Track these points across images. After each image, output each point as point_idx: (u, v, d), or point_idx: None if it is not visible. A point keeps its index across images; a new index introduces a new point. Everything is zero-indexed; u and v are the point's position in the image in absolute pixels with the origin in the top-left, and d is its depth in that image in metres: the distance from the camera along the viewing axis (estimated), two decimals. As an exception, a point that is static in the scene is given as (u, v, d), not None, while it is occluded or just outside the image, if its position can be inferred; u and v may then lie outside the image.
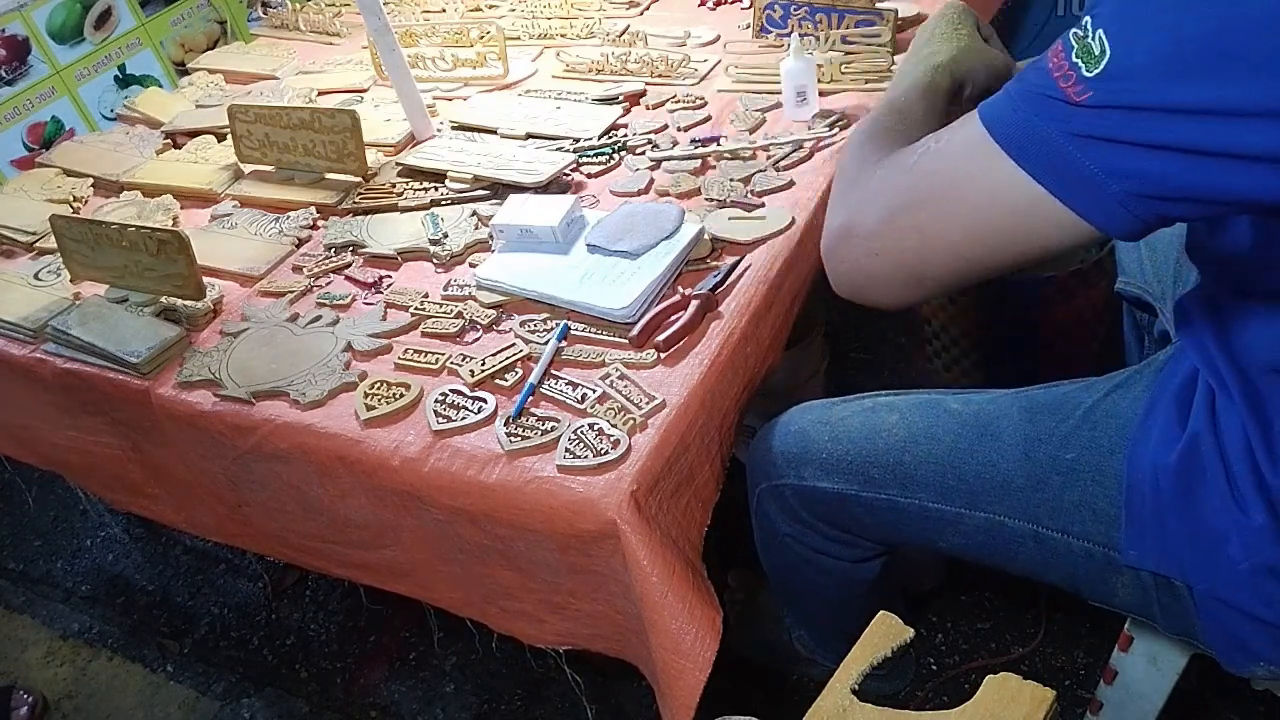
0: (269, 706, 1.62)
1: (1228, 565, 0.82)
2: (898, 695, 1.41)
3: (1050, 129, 0.64)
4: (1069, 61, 0.62)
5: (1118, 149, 0.61)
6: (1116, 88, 0.60)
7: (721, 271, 1.09)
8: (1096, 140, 0.62)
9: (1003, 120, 0.67)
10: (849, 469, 1.01)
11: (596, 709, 1.43)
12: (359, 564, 1.17)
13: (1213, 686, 1.31)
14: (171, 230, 1.23)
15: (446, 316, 1.15)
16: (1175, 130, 0.59)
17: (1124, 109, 0.60)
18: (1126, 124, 0.60)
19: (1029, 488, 0.92)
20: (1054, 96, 0.63)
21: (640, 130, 1.40)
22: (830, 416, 1.05)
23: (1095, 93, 0.61)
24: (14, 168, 1.71)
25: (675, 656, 0.92)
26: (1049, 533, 0.92)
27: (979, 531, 0.96)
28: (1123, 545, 0.88)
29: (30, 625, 1.87)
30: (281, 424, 1.08)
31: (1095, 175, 0.63)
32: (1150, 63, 0.59)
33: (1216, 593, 0.84)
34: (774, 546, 1.15)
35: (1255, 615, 0.82)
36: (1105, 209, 0.64)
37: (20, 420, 1.43)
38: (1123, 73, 0.60)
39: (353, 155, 1.41)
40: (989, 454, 0.94)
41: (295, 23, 1.99)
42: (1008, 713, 0.71)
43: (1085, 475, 0.90)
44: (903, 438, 0.99)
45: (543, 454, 0.96)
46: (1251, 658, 0.86)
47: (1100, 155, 0.62)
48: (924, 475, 0.97)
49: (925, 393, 1.04)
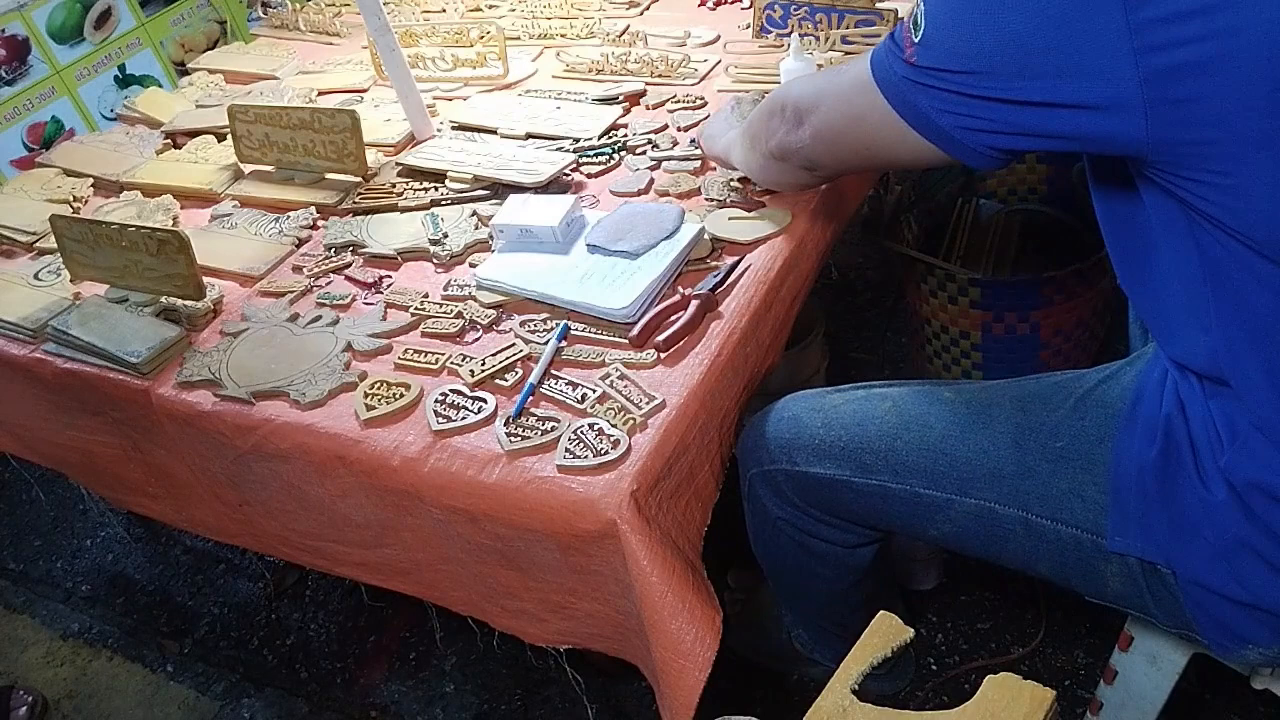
0: (269, 706, 1.62)
1: (1202, 547, 0.83)
2: (898, 695, 1.41)
3: (897, 73, 0.79)
4: (910, 26, 0.77)
5: (940, 95, 0.76)
6: (928, 54, 0.75)
7: (721, 271, 1.09)
8: (924, 86, 0.77)
9: (878, 62, 0.83)
10: (841, 454, 1.02)
11: (596, 709, 1.43)
12: (359, 563, 1.17)
13: (1213, 686, 1.31)
14: (171, 230, 1.23)
15: (446, 316, 1.15)
16: (975, 85, 0.73)
17: (936, 70, 0.75)
18: (940, 80, 0.75)
19: (1019, 474, 0.93)
20: (900, 54, 0.79)
21: (640, 130, 1.39)
22: (823, 404, 1.06)
23: (919, 56, 0.76)
24: (14, 168, 1.71)
25: (675, 656, 0.92)
26: (1038, 520, 0.93)
27: (969, 518, 0.97)
28: (1109, 532, 0.89)
29: (30, 625, 1.87)
30: (281, 424, 1.08)
31: (929, 112, 0.78)
32: (942, 38, 0.74)
33: (1196, 577, 0.85)
34: (767, 532, 1.15)
35: (1230, 596, 0.83)
36: (952, 142, 0.78)
37: (21, 420, 1.43)
38: (931, 43, 0.75)
39: (353, 155, 1.41)
40: (980, 440, 0.96)
41: (295, 23, 1.99)
42: (1008, 713, 0.71)
43: (1074, 463, 0.91)
44: (895, 424, 1.00)
45: (543, 454, 0.96)
46: (1238, 640, 0.86)
47: (929, 98, 0.77)
48: (915, 461, 0.98)
49: (919, 382, 1.05)
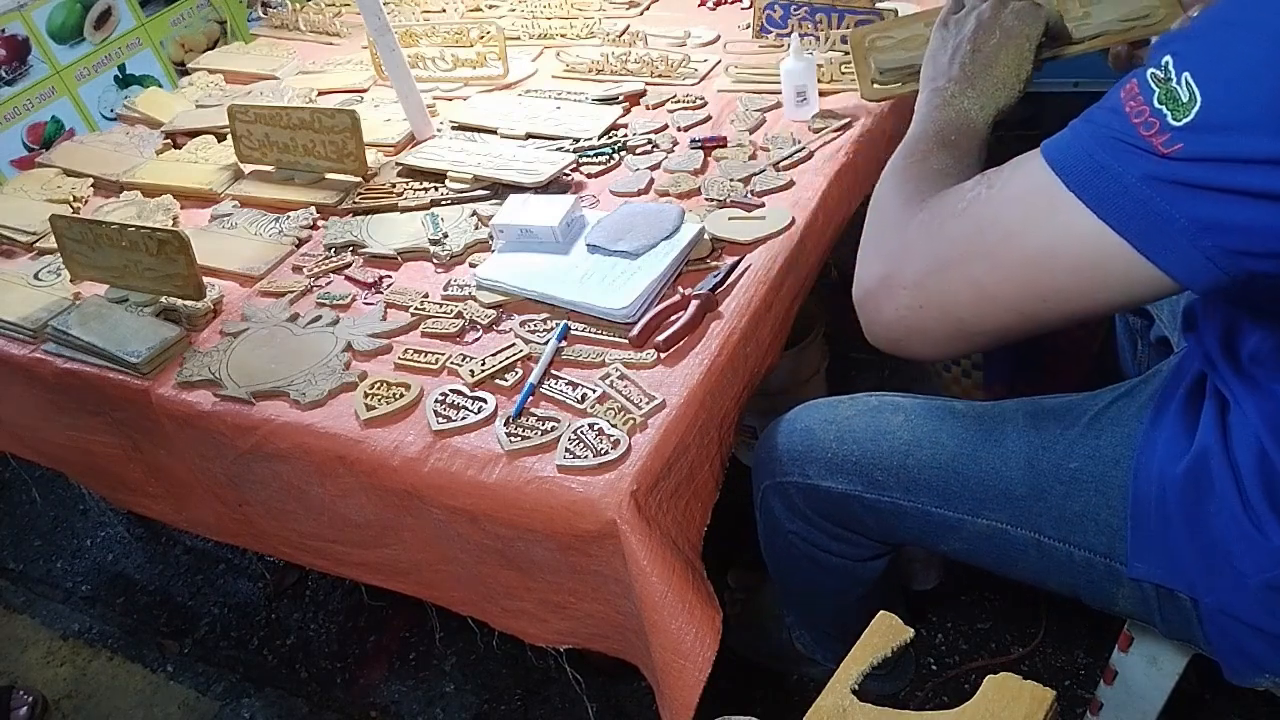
0: (269, 706, 1.62)
1: (1237, 580, 0.80)
2: (898, 695, 1.41)
3: (1130, 175, 0.58)
4: (1150, 107, 0.56)
5: (1211, 198, 0.56)
6: (1213, 141, 0.54)
7: (721, 271, 1.09)
8: (1186, 188, 0.56)
9: (1074, 163, 0.61)
10: (853, 470, 1.01)
11: (596, 709, 1.43)
12: (359, 563, 1.17)
13: (1213, 686, 1.31)
14: (171, 230, 1.23)
15: (446, 316, 1.15)
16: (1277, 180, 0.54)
17: (1220, 161, 0.54)
18: (1222, 175, 0.55)
19: (1031, 496, 0.91)
20: (1135, 145, 0.57)
21: (640, 130, 1.40)
22: (836, 415, 1.04)
23: (1186, 144, 0.55)
24: (14, 168, 1.71)
25: (675, 656, 0.92)
26: (1051, 542, 0.91)
27: (980, 538, 0.96)
28: (1128, 558, 0.87)
29: (30, 625, 1.87)
30: (281, 424, 1.08)
31: (1183, 226, 0.57)
32: (1254, 114, 0.53)
33: (1225, 607, 0.82)
34: (778, 543, 1.15)
35: (1265, 629, 0.81)
36: (1189, 263, 0.58)
37: (21, 420, 1.43)
38: (1220, 124, 0.54)
39: (353, 155, 1.41)
40: (992, 461, 0.94)
41: (295, 23, 1.99)
42: (1008, 713, 0.71)
43: (1088, 486, 0.89)
44: (907, 440, 0.98)
45: (543, 454, 0.96)
46: (1257, 669, 0.85)
47: (1190, 206, 0.57)
48: (927, 479, 0.97)
49: (931, 397, 1.03)
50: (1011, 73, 0.93)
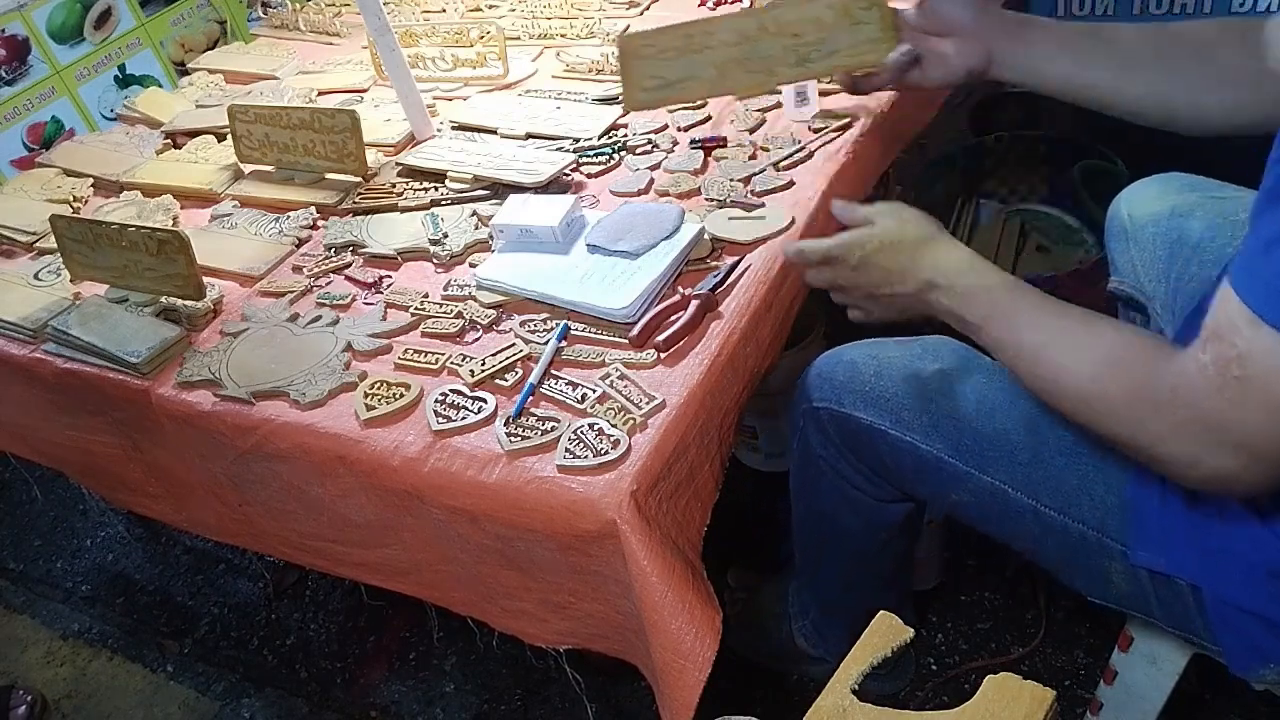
0: (269, 706, 1.62)
1: (1243, 569, 0.81)
2: (898, 695, 1.41)
3: None
4: None
5: None
6: None
7: (721, 271, 1.09)
8: None
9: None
10: (884, 404, 1.04)
11: (596, 709, 1.43)
12: (359, 563, 1.17)
13: (1213, 686, 1.31)
14: (171, 230, 1.23)
15: (446, 316, 1.15)
16: None
17: None
18: None
19: (1032, 462, 0.94)
20: None
21: (640, 130, 1.39)
22: (880, 352, 1.07)
23: None
24: (14, 168, 1.71)
25: (675, 656, 0.92)
26: (1047, 510, 0.94)
27: (985, 494, 0.99)
28: (1130, 545, 0.88)
29: (30, 625, 1.87)
30: (281, 424, 1.08)
31: None
32: None
33: (1229, 597, 0.83)
34: (809, 470, 1.16)
35: (1270, 618, 0.82)
36: None
37: (21, 420, 1.43)
38: None
39: (353, 155, 1.41)
40: (1002, 421, 0.97)
41: (295, 23, 1.99)
42: (1008, 713, 0.71)
43: (1085, 459, 0.91)
44: (935, 388, 1.02)
45: (543, 454, 0.96)
46: (1262, 660, 0.85)
47: None
48: (945, 428, 1.00)
49: (969, 348, 1.03)
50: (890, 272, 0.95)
